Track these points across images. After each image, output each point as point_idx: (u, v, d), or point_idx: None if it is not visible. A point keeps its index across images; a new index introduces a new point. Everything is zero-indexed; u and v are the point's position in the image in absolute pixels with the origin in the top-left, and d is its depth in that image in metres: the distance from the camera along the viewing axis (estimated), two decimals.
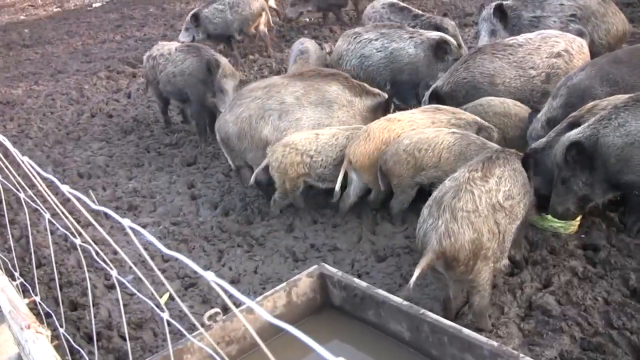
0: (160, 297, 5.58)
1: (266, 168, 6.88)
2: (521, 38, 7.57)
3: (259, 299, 4.33)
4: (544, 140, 6.10)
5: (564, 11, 8.23)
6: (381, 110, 7.33)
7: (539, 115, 6.66)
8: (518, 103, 7.06)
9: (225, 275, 6.18)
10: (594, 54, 7.66)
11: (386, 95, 7.50)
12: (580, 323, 4.86)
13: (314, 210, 7.05)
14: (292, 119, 7.13)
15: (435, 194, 4.88)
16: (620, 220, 5.96)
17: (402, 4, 10.47)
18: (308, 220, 6.94)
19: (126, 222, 2.24)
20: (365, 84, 7.55)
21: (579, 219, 5.92)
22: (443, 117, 6.68)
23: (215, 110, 9.13)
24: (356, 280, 4.41)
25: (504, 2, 8.64)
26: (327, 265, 4.59)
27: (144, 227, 7.12)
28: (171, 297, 5.63)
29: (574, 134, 5.64)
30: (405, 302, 4.14)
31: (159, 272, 2.21)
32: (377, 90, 7.56)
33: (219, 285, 1.91)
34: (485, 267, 4.73)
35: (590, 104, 6.07)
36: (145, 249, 2.37)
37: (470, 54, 7.78)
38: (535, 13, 8.30)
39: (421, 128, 6.54)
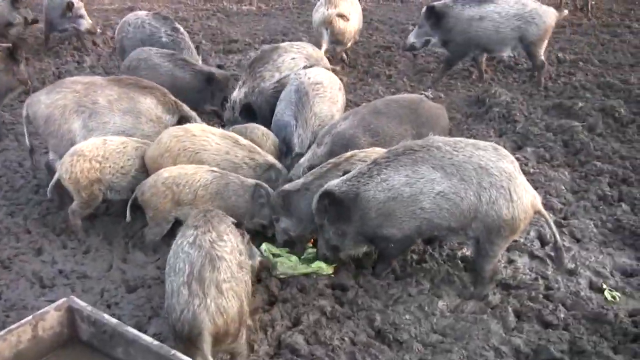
0: None
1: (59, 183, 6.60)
2: None
3: (2, 332, 4.07)
4: (300, 181, 6.23)
5: (298, 65, 8.59)
6: None
7: (301, 161, 6.83)
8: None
9: None
10: None
11: (199, 120, 7.59)
12: None
13: (64, 234, 6.73)
14: (100, 122, 7.14)
15: (187, 269, 4.44)
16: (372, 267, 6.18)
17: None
18: (57, 243, 6.54)
19: None
20: (183, 105, 7.56)
21: None
22: (239, 152, 6.68)
23: None
24: (106, 316, 4.25)
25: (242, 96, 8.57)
26: (76, 299, 4.38)
27: None
28: None
29: (331, 184, 5.79)
30: (156, 342, 4.06)
31: None
32: (192, 113, 7.60)
33: None
34: (244, 329, 4.69)
35: (349, 153, 6.31)
36: None
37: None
38: (275, 77, 8.55)
39: (213, 152, 6.60)
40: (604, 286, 6.02)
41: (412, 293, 5.76)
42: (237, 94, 8.43)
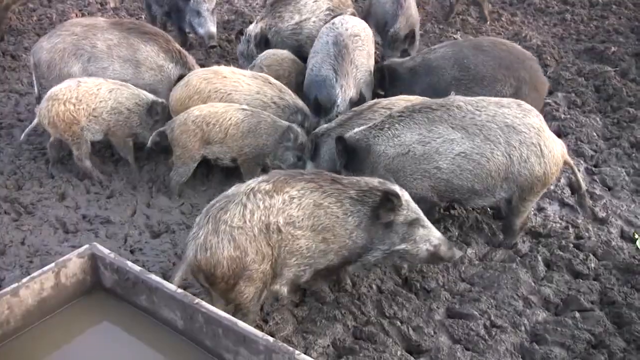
0: None
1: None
2: None
3: (25, 280, 4.04)
4: (325, 126, 6.15)
5: (320, 8, 8.31)
6: None
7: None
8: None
9: None
10: None
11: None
12: (354, 311, 4.89)
13: (87, 180, 6.67)
14: (100, 67, 7.06)
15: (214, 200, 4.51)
16: None
17: None
18: (81, 188, 6.48)
19: None
20: (188, 55, 7.38)
21: None
22: (269, 92, 6.63)
23: None
24: (129, 263, 4.21)
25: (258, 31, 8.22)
26: (99, 245, 4.33)
27: None
28: None
29: (352, 132, 5.65)
30: (180, 290, 4.01)
31: None
32: (194, 63, 7.42)
33: None
34: (249, 288, 4.42)
35: (372, 101, 6.21)
36: None
37: None
38: (294, 20, 8.26)
39: (244, 93, 6.56)
40: (636, 236, 5.90)
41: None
42: (254, 28, 8.16)
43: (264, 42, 7.98)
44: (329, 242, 4.50)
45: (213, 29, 8.71)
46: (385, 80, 7.19)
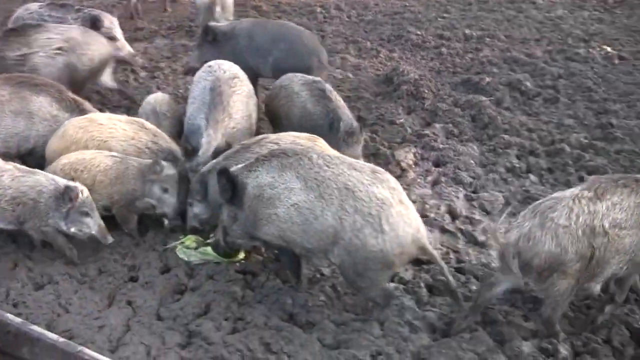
0: None
1: None
2: None
3: None
4: (212, 163, 6.13)
5: (51, 45, 8.21)
6: None
7: None
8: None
9: None
10: (77, 81, 8.12)
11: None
12: (241, 349, 4.85)
13: None
14: None
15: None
16: None
17: (62, 1, 10.03)
18: None
19: None
20: (85, 102, 7.20)
21: None
22: (144, 137, 6.55)
23: None
24: (9, 315, 4.14)
25: None
26: None
27: None
28: None
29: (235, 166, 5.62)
30: (62, 339, 3.94)
31: None
32: (91, 108, 7.21)
33: None
34: (563, 282, 4.78)
35: (260, 136, 6.25)
36: None
37: None
38: (22, 51, 8.29)
39: (121, 139, 6.43)
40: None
41: (325, 272, 5.74)
42: None
43: None
44: None
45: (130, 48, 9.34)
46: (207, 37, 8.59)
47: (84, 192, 5.68)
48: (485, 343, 4.96)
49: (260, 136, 6.27)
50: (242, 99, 7.08)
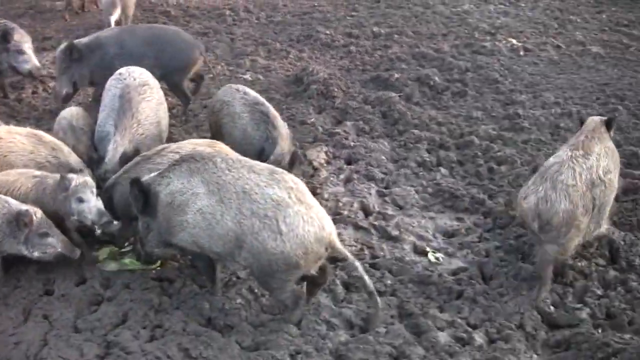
0: None
1: None
2: None
3: None
4: (114, 176, 6.07)
5: None
6: None
7: None
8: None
9: None
10: None
11: None
12: (160, 357, 4.81)
13: None
14: None
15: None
16: None
17: None
18: None
19: None
20: None
21: None
22: (43, 151, 6.38)
23: None
24: None
25: None
26: None
27: None
28: None
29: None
30: None
31: None
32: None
33: None
34: (577, 236, 5.49)
35: (161, 146, 6.22)
36: None
37: None
38: None
39: (20, 154, 6.24)
40: (428, 249, 6.21)
41: (241, 275, 5.74)
42: None
43: None
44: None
45: (37, 62, 9.01)
46: (72, 56, 8.27)
47: (37, 214, 5.44)
48: (402, 336, 5.07)
49: (161, 146, 6.23)
50: (151, 106, 7.02)
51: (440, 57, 10.74)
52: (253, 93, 7.34)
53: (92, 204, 5.77)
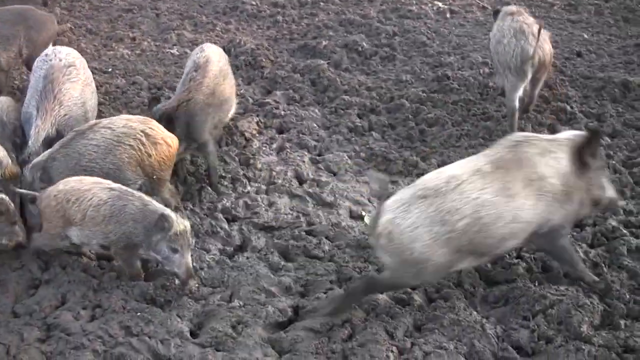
0: None
1: None
2: None
3: None
4: (47, 152, 5.95)
5: None
6: None
7: None
8: None
9: None
10: None
11: None
12: (101, 336, 4.81)
13: None
14: None
15: None
16: None
17: None
18: None
19: None
20: None
21: None
22: None
23: None
24: None
25: None
26: None
27: None
28: None
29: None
30: None
31: None
32: None
33: None
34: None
35: (94, 121, 6.24)
36: None
37: None
38: None
39: None
40: (363, 213, 6.27)
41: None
42: None
43: None
44: None
45: None
46: None
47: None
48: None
49: (94, 121, 6.20)
50: (76, 87, 6.89)
51: (367, 22, 10.73)
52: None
53: (185, 259, 5.24)
